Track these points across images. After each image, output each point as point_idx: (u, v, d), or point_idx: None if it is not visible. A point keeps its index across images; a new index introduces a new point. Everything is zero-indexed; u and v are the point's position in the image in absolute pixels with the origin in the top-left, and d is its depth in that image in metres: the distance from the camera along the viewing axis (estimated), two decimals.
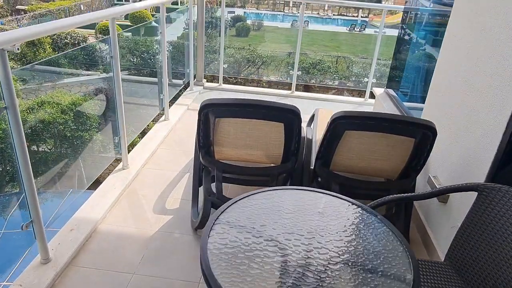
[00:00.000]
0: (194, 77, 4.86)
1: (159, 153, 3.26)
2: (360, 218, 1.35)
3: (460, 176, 2.08)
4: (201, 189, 2.53)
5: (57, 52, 16.47)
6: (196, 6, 4.51)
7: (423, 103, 3.57)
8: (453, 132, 2.16)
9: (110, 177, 2.76)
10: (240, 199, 1.38)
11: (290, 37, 28.53)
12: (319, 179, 2.42)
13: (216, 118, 2.09)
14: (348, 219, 1.34)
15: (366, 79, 4.92)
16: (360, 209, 1.40)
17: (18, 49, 1.48)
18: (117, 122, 2.75)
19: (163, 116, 3.84)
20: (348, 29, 31.31)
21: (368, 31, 33.02)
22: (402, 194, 1.59)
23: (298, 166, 2.42)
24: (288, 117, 2.06)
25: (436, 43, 3.37)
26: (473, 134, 1.96)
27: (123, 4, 30.16)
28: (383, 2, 47.89)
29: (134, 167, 2.91)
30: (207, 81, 5.04)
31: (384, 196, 2.36)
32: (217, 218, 1.27)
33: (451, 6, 2.49)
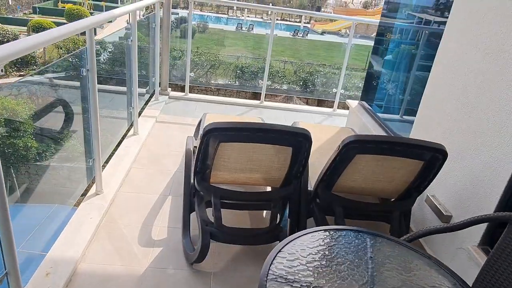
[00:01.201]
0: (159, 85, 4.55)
1: (134, 173, 2.96)
2: (414, 263, 1.26)
3: (463, 198, 2.10)
4: (192, 215, 2.32)
5: None
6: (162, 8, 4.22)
7: (398, 114, 3.66)
8: (455, 151, 2.18)
9: (83, 205, 2.43)
10: (283, 246, 1.23)
11: (236, 40, 28.62)
12: (318, 200, 2.32)
13: (220, 142, 1.90)
14: (402, 263, 1.24)
15: (334, 90, 4.94)
16: (408, 248, 1.31)
17: (2, 70, 1.18)
18: (91, 141, 2.43)
19: (132, 130, 3.52)
20: (291, 34, 32.15)
21: (311, 36, 34.16)
22: (438, 226, 1.54)
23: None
24: (299, 141, 1.94)
25: (415, 56, 3.46)
26: (480, 156, 1.98)
27: None
28: (322, 10, 49.89)
29: (109, 191, 2.60)
30: (171, 90, 4.75)
31: (385, 215, 2.35)
32: (268, 274, 1.10)
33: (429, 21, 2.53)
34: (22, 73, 16.25)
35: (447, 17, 2.40)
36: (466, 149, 2.11)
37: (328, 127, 3.65)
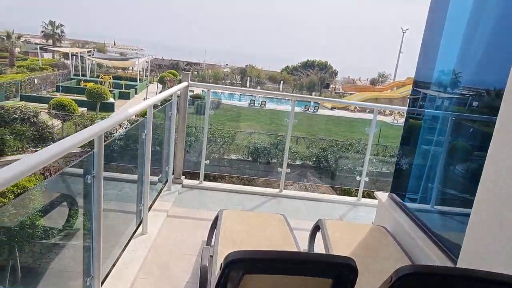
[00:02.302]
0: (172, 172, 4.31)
1: (139, 286, 2.56)
2: None
3: None
4: None
5: (3, 128, 15.19)
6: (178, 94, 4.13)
7: (438, 211, 3.27)
8: None
9: None
10: None
11: (248, 116, 29.41)
12: None
13: (244, 274, 1.54)
14: None
15: (358, 178, 4.62)
16: None
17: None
18: (91, 255, 2.09)
19: (140, 229, 3.19)
20: (302, 109, 33.00)
21: (321, 111, 35.01)
22: None
23: None
24: (341, 272, 1.57)
25: (456, 145, 3.17)
26: None
27: (79, 79, 29.89)
28: (330, 86, 51.91)
29: None
30: (185, 178, 4.50)
31: None
32: None
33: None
34: (38, 149, 16.56)
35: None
36: None
37: (358, 226, 3.27)
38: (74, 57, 34.46)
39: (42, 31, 50.98)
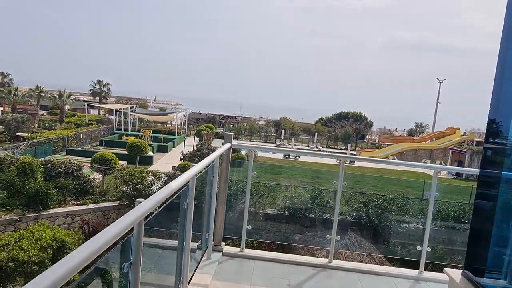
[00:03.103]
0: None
1: None
2: None
3: None
4: None
5: (48, 181, 15.74)
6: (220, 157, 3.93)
7: None
8: None
9: None
10: None
11: (283, 168, 29.08)
12: None
13: None
14: None
15: (419, 247, 4.09)
16: None
17: None
18: None
19: None
20: (338, 161, 32.14)
21: (358, 163, 34.07)
22: None
23: None
24: None
25: None
26: None
27: (121, 133, 31.01)
28: (366, 137, 51.01)
29: None
30: (225, 244, 4.16)
31: None
32: None
33: None
34: (78, 202, 16.90)
35: None
36: None
37: None
38: (118, 112, 36.32)
39: (91, 90, 54.70)
